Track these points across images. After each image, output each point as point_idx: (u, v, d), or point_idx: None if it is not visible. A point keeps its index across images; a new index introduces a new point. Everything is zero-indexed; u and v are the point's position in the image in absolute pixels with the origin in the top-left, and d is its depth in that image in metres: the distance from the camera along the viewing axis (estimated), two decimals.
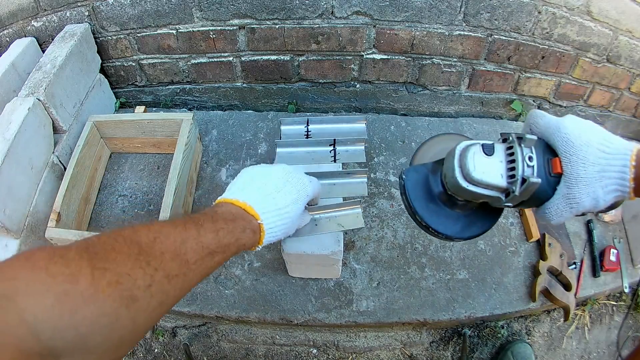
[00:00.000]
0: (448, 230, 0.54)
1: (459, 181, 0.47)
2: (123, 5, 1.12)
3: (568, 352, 1.11)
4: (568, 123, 0.47)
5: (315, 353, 1.08)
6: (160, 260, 0.38)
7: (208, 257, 0.45)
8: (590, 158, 0.44)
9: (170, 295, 0.39)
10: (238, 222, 0.51)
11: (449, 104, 1.32)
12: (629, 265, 1.13)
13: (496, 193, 0.47)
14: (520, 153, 0.46)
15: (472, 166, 0.46)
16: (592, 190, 0.44)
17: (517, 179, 0.45)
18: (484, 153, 0.47)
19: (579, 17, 1.07)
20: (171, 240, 0.41)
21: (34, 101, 0.98)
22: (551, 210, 0.47)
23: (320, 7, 1.07)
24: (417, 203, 0.54)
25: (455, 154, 0.48)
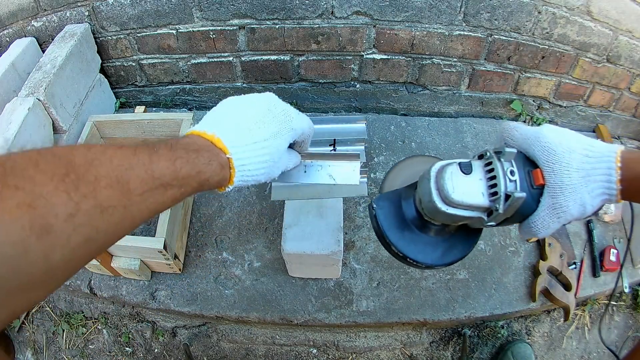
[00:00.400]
0: (427, 258, 0.50)
1: (437, 205, 0.44)
2: (123, 5, 1.12)
3: (568, 352, 1.11)
4: (547, 132, 0.45)
5: (315, 353, 1.08)
6: (94, 186, 0.30)
7: (159, 189, 0.37)
8: (574, 164, 0.43)
9: (101, 230, 0.31)
10: (202, 153, 0.43)
11: (449, 104, 1.32)
12: (629, 265, 1.13)
13: (478, 213, 0.45)
14: (500, 168, 0.43)
15: (450, 187, 0.43)
16: (578, 197, 0.43)
17: (500, 196, 0.43)
18: (462, 172, 0.44)
19: (579, 17, 1.07)
20: (114, 164, 0.33)
21: (34, 101, 0.98)
22: (537, 223, 0.45)
23: (320, 7, 1.07)
24: (391, 233, 0.50)
25: (430, 176, 0.45)
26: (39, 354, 1.14)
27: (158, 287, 1.03)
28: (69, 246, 0.29)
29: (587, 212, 0.44)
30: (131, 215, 0.34)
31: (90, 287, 1.04)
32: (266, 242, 1.07)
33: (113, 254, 0.96)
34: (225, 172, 0.45)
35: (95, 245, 0.32)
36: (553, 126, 0.46)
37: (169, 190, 0.38)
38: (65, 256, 0.29)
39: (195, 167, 0.41)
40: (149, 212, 0.36)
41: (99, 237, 0.31)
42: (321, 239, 0.83)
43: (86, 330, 1.13)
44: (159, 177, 0.37)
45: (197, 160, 0.41)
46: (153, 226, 1.09)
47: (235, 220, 1.11)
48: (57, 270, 0.29)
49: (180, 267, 1.03)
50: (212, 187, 0.45)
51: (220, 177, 0.44)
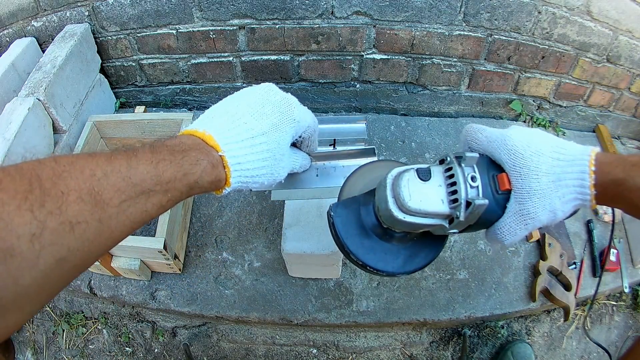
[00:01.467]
0: (388, 266, 0.49)
1: (393, 213, 0.42)
2: (123, 5, 1.12)
3: (568, 352, 1.11)
4: (513, 134, 0.43)
5: (315, 353, 1.08)
6: (61, 201, 0.27)
7: (140, 197, 0.33)
8: (543, 167, 0.40)
9: (73, 248, 0.28)
10: (190, 152, 0.38)
11: (449, 104, 1.32)
12: (629, 265, 1.13)
13: (438, 220, 0.43)
14: (460, 174, 0.42)
15: (406, 195, 0.41)
16: (548, 203, 0.40)
17: (461, 203, 0.41)
18: (419, 178, 0.43)
19: (579, 17, 1.07)
20: (85, 175, 0.29)
21: (34, 101, 0.98)
22: (503, 230, 0.43)
23: (320, 7, 1.07)
24: (349, 241, 0.48)
25: (387, 184, 0.44)
26: (39, 354, 1.14)
27: (158, 287, 1.03)
28: (37, 268, 0.26)
29: (557, 218, 0.42)
30: (109, 230, 0.31)
31: (90, 287, 1.04)
32: (266, 242, 1.07)
33: (113, 254, 0.96)
34: (219, 171, 0.40)
35: (70, 264, 0.28)
36: (521, 127, 0.44)
37: (152, 197, 0.34)
38: (36, 279, 0.26)
39: (181, 168, 0.36)
40: (131, 224, 0.33)
41: (73, 257, 0.28)
42: (321, 239, 0.83)
43: (86, 330, 1.13)
44: (139, 184, 0.33)
45: (183, 160, 0.37)
46: (153, 226, 1.09)
47: (235, 220, 1.11)
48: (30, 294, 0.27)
49: (180, 267, 1.03)
50: (206, 190, 0.40)
51: (213, 178, 0.40)
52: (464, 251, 1.07)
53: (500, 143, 0.43)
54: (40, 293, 0.28)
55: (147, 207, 0.34)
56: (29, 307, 0.28)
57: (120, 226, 0.32)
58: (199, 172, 0.38)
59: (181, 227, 1.04)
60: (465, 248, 1.07)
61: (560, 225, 1.13)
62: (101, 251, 0.31)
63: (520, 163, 0.41)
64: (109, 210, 0.30)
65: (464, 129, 0.48)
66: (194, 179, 0.38)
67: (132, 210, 0.32)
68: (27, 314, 0.28)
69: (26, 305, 0.27)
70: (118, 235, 0.32)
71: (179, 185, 0.36)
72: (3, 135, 0.92)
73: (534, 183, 0.40)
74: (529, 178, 0.40)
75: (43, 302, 0.29)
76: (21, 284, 0.26)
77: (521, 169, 0.41)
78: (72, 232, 0.28)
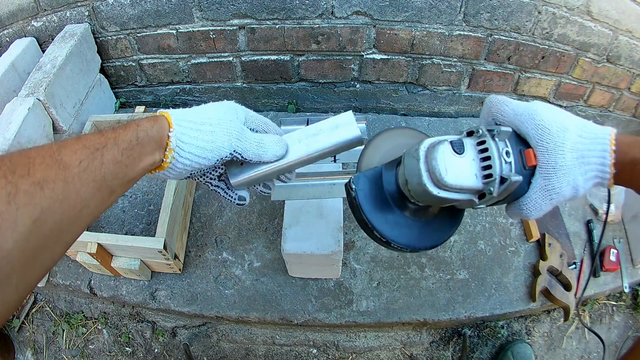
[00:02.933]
0: (414, 242, 0.47)
1: (428, 188, 0.40)
2: (123, 5, 1.12)
3: (568, 352, 1.11)
4: (540, 108, 0.43)
5: (315, 353, 1.08)
6: (29, 167, 0.31)
7: (96, 154, 0.36)
8: (568, 144, 0.41)
9: (45, 208, 0.31)
10: (138, 118, 0.42)
11: (449, 104, 1.32)
12: (629, 265, 1.13)
13: (469, 196, 0.42)
14: (495, 148, 0.40)
15: (443, 169, 0.39)
16: (572, 179, 0.41)
17: (495, 179, 0.40)
18: (454, 152, 0.41)
19: (579, 17, 1.07)
20: (45, 147, 0.34)
21: (34, 101, 0.98)
22: (529, 205, 0.43)
23: (320, 7, 1.07)
24: (373, 217, 0.46)
25: (419, 156, 0.41)
26: (39, 354, 1.14)
27: (158, 287, 1.03)
28: (17, 230, 0.28)
29: (578, 195, 0.43)
30: (75, 189, 0.33)
31: (90, 287, 1.04)
32: (266, 242, 1.07)
33: (113, 254, 0.96)
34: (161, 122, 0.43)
35: (47, 227, 0.31)
36: (544, 103, 0.44)
37: (106, 153, 0.37)
38: (17, 242, 0.28)
39: (124, 126, 0.41)
40: (93, 182, 0.35)
41: (45, 216, 0.31)
42: (321, 239, 0.83)
43: (86, 330, 1.13)
44: (92, 145, 0.36)
45: (130, 123, 0.42)
46: (153, 226, 1.09)
47: (235, 220, 1.11)
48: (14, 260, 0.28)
49: (180, 267, 1.03)
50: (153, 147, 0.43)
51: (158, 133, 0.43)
52: (464, 251, 1.07)
53: (528, 117, 0.42)
54: (23, 261, 0.29)
55: (104, 161, 0.37)
56: (15, 281, 0.29)
57: (84, 185, 0.35)
58: (145, 124, 0.42)
59: (181, 227, 1.04)
60: (465, 248, 1.07)
61: (560, 225, 1.13)
62: (74, 214, 0.34)
63: (547, 138, 0.41)
64: (72, 170, 0.34)
65: (487, 100, 0.47)
66: (135, 125, 0.41)
67: (91, 168, 0.35)
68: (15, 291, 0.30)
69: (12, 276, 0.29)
70: (84, 195, 0.35)
71: (125, 135, 0.40)
72: (3, 135, 0.92)
73: (559, 159, 0.40)
74: (556, 154, 0.41)
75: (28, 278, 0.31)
76: (5, 248, 0.28)
77: (548, 145, 0.41)
78: (42, 191, 0.31)
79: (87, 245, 0.88)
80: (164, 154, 0.44)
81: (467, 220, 1.12)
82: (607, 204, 0.54)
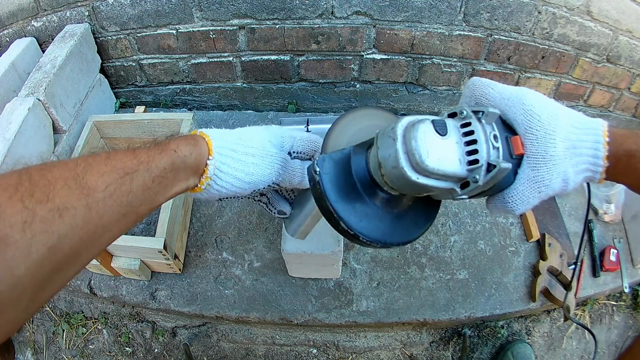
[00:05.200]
0: (384, 236, 0.41)
1: (406, 173, 0.35)
2: (123, 5, 1.12)
3: (568, 352, 1.11)
4: (529, 93, 0.39)
5: (315, 353, 1.08)
6: (49, 190, 0.29)
7: (125, 179, 0.34)
8: (560, 133, 0.37)
9: (63, 235, 0.29)
10: (173, 139, 0.40)
11: (449, 104, 1.32)
12: (629, 265, 1.13)
13: (450, 184, 0.37)
14: (482, 131, 0.36)
15: (424, 151, 0.34)
16: (562, 170, 0.38)
17: (481, 165, 0.35)
18: (437, 132, 0.35)
19: (579, 17, 1.07)
20: (69, 166, 0.31)
21: (34, 101, 0.98)
22: (515, 198, 0.39)
23: (320, 7, 1.07)
24: (339, 206, 0.40)
25: (397, 135, 0.36)
26: (39, 354, 1.14)
27: (158, 287, 1.03)
28: (31, 257, 0.27)
29: (568, 189, 0.40)
30: (97, 215, 0.31)
31: (90, 287, 1.04)
32: (266, 242, 1.07)
33: (113, 254, 0.96)
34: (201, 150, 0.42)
35: (62, 253, 0.29)
36: (532, 90, 0.41)
37: (136, 178, 0.35)
38: (30, 269, 0.27)
39: (158, 147, 0.38)
40: (119, 207, 0.33)
41: (63, 244, 0.29)
42: (321, 239, 0.83)
43: (86, 330, 1.13)
44: (121, 167, 0.34)
45: (167, 144, 0.39)
46: (153, 226, 1.09)
47: (235, 220, 1.11)
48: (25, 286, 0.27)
49: (180, 267, 1.03)
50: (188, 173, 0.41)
51: (195, 154, 0.41)
52: (464, 251, 1.07)
53: (517, 101, 0.39)
54: (35, 286, 0.28)
55: (133, 188, 0.35)
56: (26, 302, 0.28)
57: (108, 211, 0.32)
58: (183, 149, 0.40)
59: (181, 227, 1.04)
60: (465, 248, 1.07)
61: (560, 225, 1.13)
62: (93, 239, 0.32)
63: (537, 125, 0.37)
64: (96, 195, 0.31)
65: (470, 82, 0.43)
66: (172, 150, 0.39)
67: (118, 194, 0.33)
68: (24, 311, 0.28)
69: (23, 299, 0.28)
70: (107, 220, 0.32)
71: (160, 162, 0.37)
72: (3, 135, 0.92)
73: (550, 148, 0.37)
74: (546, 142, 0.37)
75: (39, 299, 0.30)
76: (17, 275, 0.26)
77: (538, 132, 0.37)
78: (61, 218, 0.29)
79: None
80: (199, 179, 0.43)
81: (467, 220, 1.12)
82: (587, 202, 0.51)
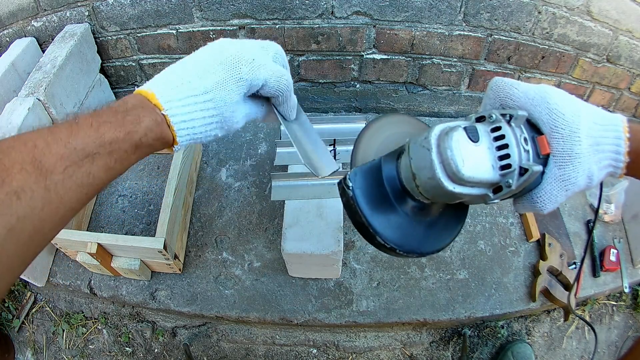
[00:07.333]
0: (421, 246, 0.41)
1: (443, 184, 0.35)
2: (123, 5, 1.12)
3: (568, 352, 1.11)
4: (552, 91, 0.39)
5: (315, 353, 1.08)
6: (5, 174, 0.29)
7: (85, 161, 0.33)
8: (584, 130, 0.38)
9: (22, 217, 0.29)
10: (132, 111, 0.38)
11: (449, 104, 1.32)
12: (629, 265, 1.13)
13: (484, 190, 0.37)
14: (512, 135, 0.36)
15: (459, 161, 0.34)
16: (587, 167, 0.38)
17: (514, 169, 0.35)
18: (470, 139, 0.35)
19: (579, 17, 1.07)
20: (28, 146, 0.31)
21: (34, 101, 0.98)
22: (543, 197, 0.39)
23: (320, 7, 1.07)
24: (375, 220, 0.39)
25: (431, 145, 0.36)
26: (39, 354, 1.14)
27: (158, 287, 1.03)
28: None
29: (592, 185, 0.40)
30: (57, 196, 0.32)
31: (90, 287, 1.04)
32: (266, 242, 1.07)
33: (113, 254, 0.96)
34: (163, 129, 0.40)
35: (25, 234, 0.30)
36: (552, 86, 0.41)
37: (97, 160, 0.34)
38: None
39: (122, 128, 0.36)
40: (78, 188, 0.33)
41: (24, 225, 0.29)
42: (321, 239, 0.83)
43: (86, 330, 1.13)
44: (81, 148, 0.33)
45: (125, 120, 0.37)
46: (153, 226, 1.09)
47: (235, 220, 1.11)
48: None
49: (180, 267, 1.03)
50: (156, 148, 0.40)
51: (158, 135, 0.39)
52: (464, 251, 1.07)
53: (540, 101, 0.39)
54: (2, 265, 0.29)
55: (93, 170, 0.34)
56: None
57: (68, 192, 0.33)
58: (142, 130, 0.38)
59: (181, 227, 1.04)
60: (465, 248, 1.07)
61: (560, 225, 1.13)
62: (56, 218, 0.32)
63: (562, 124, 0.38)
64: (54, 177, 0.31)
65: (493, 82, 0.43)
66: (137, 137, 0.38)
67: (78, 175, 0.33)
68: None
69: None
70: (68, 200, 0.33)
71: (123, 145, 0.36)
72: (3, 135, 0.92)
73: (575, 146, 0.37)
74: (572, 140, 0.38)
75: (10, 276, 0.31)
76: None
77: (564, 131, 0.38)
78: (19, 200, 0.29)
79: (87, 245, 0.88)
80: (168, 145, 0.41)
81: (467, 220, 1.12)
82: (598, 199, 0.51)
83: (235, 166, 1.20)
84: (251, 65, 0.43)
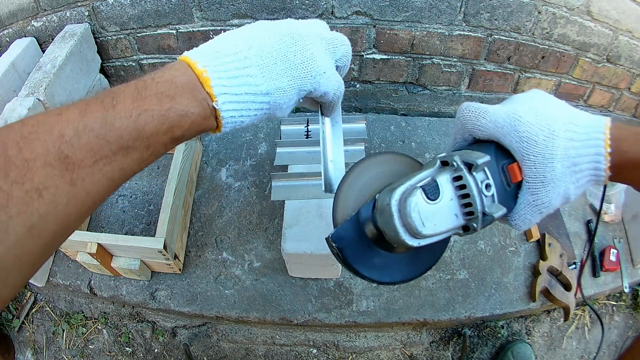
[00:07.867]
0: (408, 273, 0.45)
1: (407, 242, 0.38)
2: (123, 5, 1.12)
3: (568, 352, 1.11)
4: (523, 115, 0.38)
5: (315, 353, 1.08)
6: (26, 169, 0.26)
7: (118, 154, 0.30)
8: (558, 153, 0.36)
9: (45, 214, 0.27)
10: (179, 100, 0.33)
11: (449, 104, 1.32)
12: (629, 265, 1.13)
13: (451, 232, 0.39)
14: (473, 184, 0.37)
15: (419, 223, 0.36)
16: (562, 190, 0.38)
17: (477, 216, 0.37)
18: (428, 199, 0.37)
19: (579, 17, 1.07)
20: (54, 135, 0.27)
21: (34, 101, 0.98)
22: (517, 220, 0.41)
23: (320, 7, 1.07)
24: (362, 267, 0.43)
25: (392, 212, 0.38)
26: (39, 354, 1.14)
27: (158, 287, 1.03)
28: (9, 239, 0.25)
29: (570, 201, 0.40)
30: (84, 191, 0.28)
31: (90, 287, 1.04)
32: (266, 242, 1.07)
33: (113, 254, 0.96)
34: (209, 123, 0.36)
35: (47, 231, 0.27)
36: (526, 98, 0.40)
37: (131, 154, 0.31)
38: (10, 249, 0.25)
39: (166, 120, 0.32)
40: (108, 182, 0.30)
41: (46, 222, 0.27)
42: (321, 239, 0.83)
43: (86, 330, 1.13)
44: (115, 141, 0.29)
45: (171, 111, 0.32)
46: (153, 226, 1.09)
47: (235, 220, 1.11)
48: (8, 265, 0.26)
49: (180, 267, 1.03)
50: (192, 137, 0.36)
51: (201, 128, 0.35)
52: (464, 251, 1.07)
53: (511, 129, 0.38)
54: (19, 263, 0.27)
55: (126, 163, 0.31)
56: (13, 280, 0.27)
57: (96, 185, 0.29)
58: (187, 125, 0.33)
59: (181, 227, 1.04)
60: (465, 248, 1.07)
61: (560, 225, 1.13)
62: (82, 211, 0.29)
63: (534, 151, 0.37)
64: (82, 172, 0.28)
65: (460, 112, 0.42)
66: (180, 132, 0.33)
67: (108, 169, 0.30)
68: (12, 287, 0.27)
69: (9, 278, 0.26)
70: (96, 193, 0.30)
71: (163, 138, 0.32)
72: None
73: (548, 172, 0.37)
74: (544, 167, 0.37)
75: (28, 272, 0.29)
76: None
77: (536, 158, 0.37)
78: (41, 198, 0.26)
79: (87, 245, 0.88)
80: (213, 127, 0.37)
81: None
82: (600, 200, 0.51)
83: (235, 166, 1.20)
84: (320, 78, 0.40)
